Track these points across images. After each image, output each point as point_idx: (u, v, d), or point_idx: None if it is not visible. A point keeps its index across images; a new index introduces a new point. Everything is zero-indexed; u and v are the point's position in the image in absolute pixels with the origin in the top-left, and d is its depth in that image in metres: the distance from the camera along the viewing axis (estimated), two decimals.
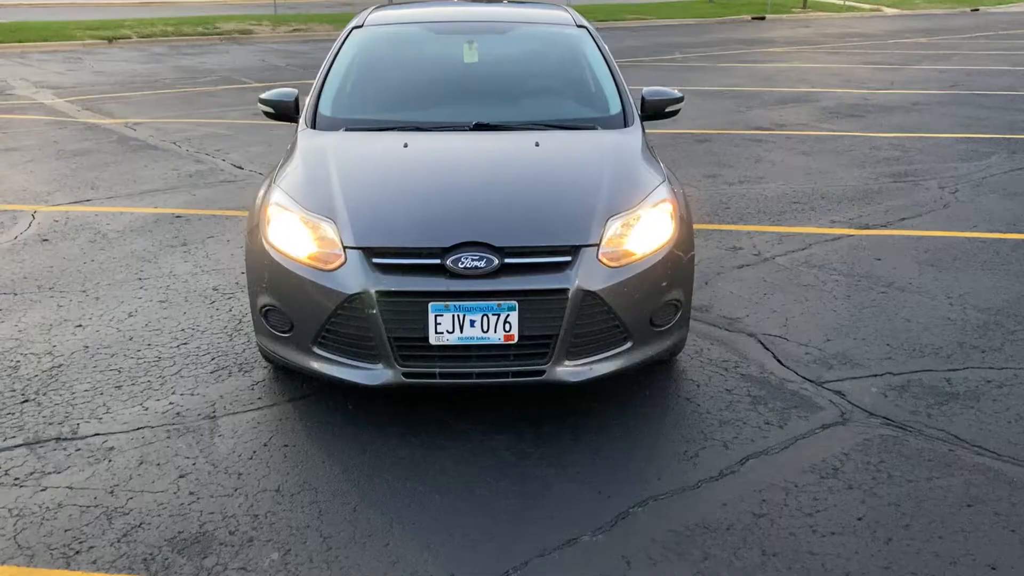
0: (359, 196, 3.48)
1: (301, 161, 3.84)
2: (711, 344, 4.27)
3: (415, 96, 4.45)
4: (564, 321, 3.20)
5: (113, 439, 3.40)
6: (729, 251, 5.69)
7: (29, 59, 17.67)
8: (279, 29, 23.62)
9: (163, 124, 10.38)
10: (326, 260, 3.28)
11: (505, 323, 3.18)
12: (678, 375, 3.95)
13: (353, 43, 4.69)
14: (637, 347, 3.42)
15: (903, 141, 9.38)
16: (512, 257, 3.21)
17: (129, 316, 4.61)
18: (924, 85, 14.00)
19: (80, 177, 7.72)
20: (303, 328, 3.35)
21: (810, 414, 3.61)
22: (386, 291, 3.16)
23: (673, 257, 3.47)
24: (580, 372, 3.32)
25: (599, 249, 3.29)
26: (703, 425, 3.51)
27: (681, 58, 18.06)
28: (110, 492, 3.05)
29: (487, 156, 3.90)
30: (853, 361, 4.10)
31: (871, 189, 7.34)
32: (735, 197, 7.08)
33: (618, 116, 4.28)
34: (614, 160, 3.84)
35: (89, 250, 5.68)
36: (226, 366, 4.03)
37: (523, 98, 4.49)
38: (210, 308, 4.70)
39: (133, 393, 3.77)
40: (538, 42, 4.93)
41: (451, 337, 3.19)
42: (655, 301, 3.42)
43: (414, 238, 3.26)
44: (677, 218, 3.57)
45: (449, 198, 3.50)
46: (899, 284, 5.11)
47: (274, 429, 3.48)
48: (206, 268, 5.34)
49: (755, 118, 10.85)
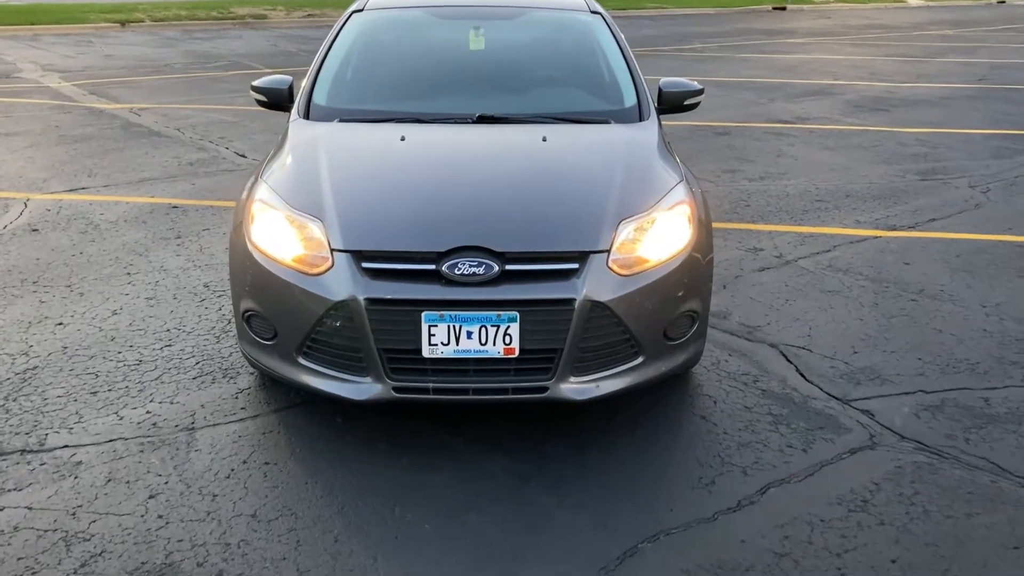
0: (349, 194, 3.20)
1: (290, 154, 3.56)
2: (729, 355, 3.98)
3: (415, 85, 4.15)
4: (570, 334, 2.93)
5: (82, 452, 3.15)
6: (749, 252, 5.39)
7: (40, 42, 17.50)
8: (293, 14, 23.37)
9: (169, 110, 10.14)
10: (312, 263, 3.01)
11: (505, 335, 2.91)
12: (693, 389, 3.67)
13: (352, 28, 4.41)
14: (649, 362, 3.14)
15: (930, 137, 9.02)
16: (514, 263, 2.93)
17: (113, 314, 4.36)
18: (950, 79, 13.59)
19: (78, 164, 7.49)
20: (287, 336, 3.09)
21: (836, 436, 3.33)
22: (376, 299, 2.89)
23: (690, 265, 3.18)
24: (586, 390, 3.04)
25: (609, 255, 3.01)
26: (720, 447, 3.23)
27: (700, 48, 17.66)
28: (72, 514, 2.81)
29: (490, 151, 3.61)
30: (882, 377, 3.81)
31: (898, 187, 7.01)
32: (755, 194, 6.77)
33: (633, 109, 3.98)
34: (627, 157, 3.54)
35: (79, 242, 5.45)
36: (210, 371, 3.78)
37: (531, 89, 4.19)
38: (199, 307, 4.46)
39: (109, 400, 3.52)
40: (549, 29, 4.62)
41: (446, 350, 2.93)
42: (670, 313, 3.14)
43: (407, 241, 2.99)
44: (695, 222, 3.28)
45: (446, 198, 3.21)
46: (930, 291, 4.80)
47: (255, 444, 3.23)
48: (198, 263, 5.09)
49: (776, 111, 10.50)
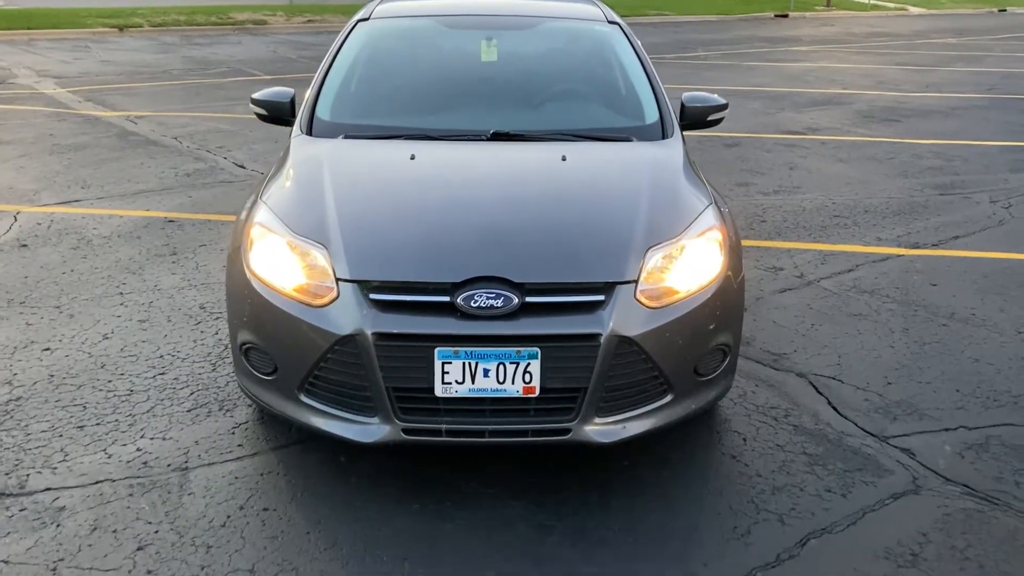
0: (356, 218, 2.98)
1: (292, 173, 3.34)
2: (756, 386, 3.76)
3: (425, 99, 3.93)
4: (595, 372, 2.70)
5: (66, 496, 2.92)
6: (769, 272, 5.17)
7: (36, 47, 17.25)
8: (294, 20, 23.13)
9: (166, 118, 9.91)
10: (315, 293, 2.79)
11: (525, 373, 2.69)
12: (721, 425, 3.44)
13: (357, 38, 4.18)
14: (679, 401, 2.91)
15: (945, 149, 8.81)
16: (534, 295, 2.71)
17: (104, 339, 4.13)
18: (960, 88, 13.39)
19: (72, 174, 7.26)
20: (288, 372, 2.86)
21: (877, 479, 3.10)
22: (384, 333, 2.67)
23: (722, 295, 2.96)
24: (612, 431, 2.82)
25: (637, 286, 2.78)
26: (753, 492, 3.01)
27: (704, 56, 17.46)
28: (52, 569, 2.57)
29: (506, 171, 3.38)
30: (920, 411, 3.58)
31: (917, 202, 6.79)
32: (771, 209, 6.56)
33: (656, 126, 3.76)
34: (653, 178, 3.31)
35: (70, 258, 5.22)
36: (205, 403, 3.55)
37: (548, 103, 3.97)
38: (194, 330, 4.23)
39: (96, 436, 3.29)
40: (565, 40, 4.40)
41: (461, 388, 2.70)
42: (701, 347, 2.92)
43: (419, 270, 2.77)
44: (727, 248, 3.06)
45: (461, 223, 2.98)
46: (961, 315, 4.57)
47: (254, 487, 3.00)
48: (194, 282, 4.86)
49: (786, 121, 10.28)
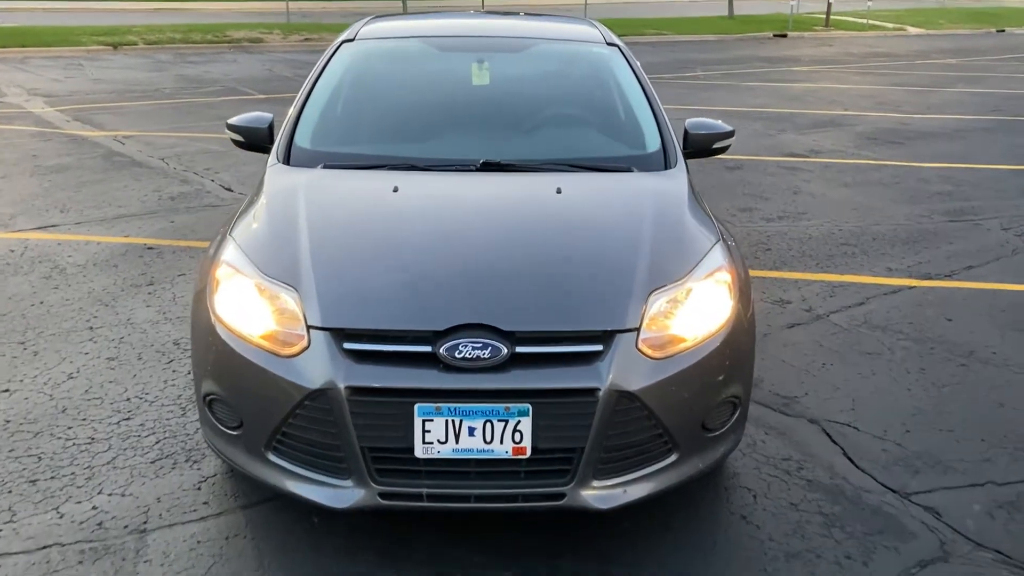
0: (331, 258, 2.72)
1: (265, 206, 3.08)
2: (766, 434, 3.50)
3: (411, 126, 3.68)
4: (592, 431, 2.45)
5: (9, 564, 2.65)
6: (776, 305, 4.92)
7: (28, 64, 17.05)
8: (290, 38, 22.98)
9: (154, 138, 9.68)
10: (284, 342, 2.53)
11: (515, 432, 2.43)
12: (728, 480, 3.18)
13: (341, 60, 3.93)
14: (684, 460, 2.65)
15: (952, 172, 8.59)
16: (525, 345, 2.46)
17: (68, 378, 3.87)
18: (962, 109, 13.19)
19: (51, 197, 7.01)
20: (254, 428, 2.60)
21: (900, 543, 2.84)
22: (359, 387, 2.41)
23: (732, 343, 2.70)
24: (611, 496, 2.55)
25: (639, 335, 2.53)
26: (766, 559, 2.74)
27: (703, 76, 17.29)
28: None
29: (496, 205, 3.13)
30: (943, 463, 3.32)
31: (926, 229, 6.55)
32: (775, 236, 6.31)
33: (658, 155, 3.51)
34: (656, 213, 3.05)
35: (40, 289, 4.96)
36: (171, 453, 3.29)
37: (542, 130, 3.72)
38: (165, 370, 3.96)
39: (50, 491, 3.02)
40: (561, 62, 4.15)
41: (444, 449, 2.44)
42: (709, 401, 2.66)
43: (398, 317, 2.51)
44: (736, 291, 2.81)
45: (446, 263, 2.72)
46: (980, 354, 4.32)
47: (217, 553, 2.73)
48: (170, 315, 4.60)
49: (788, 143, 10.07)
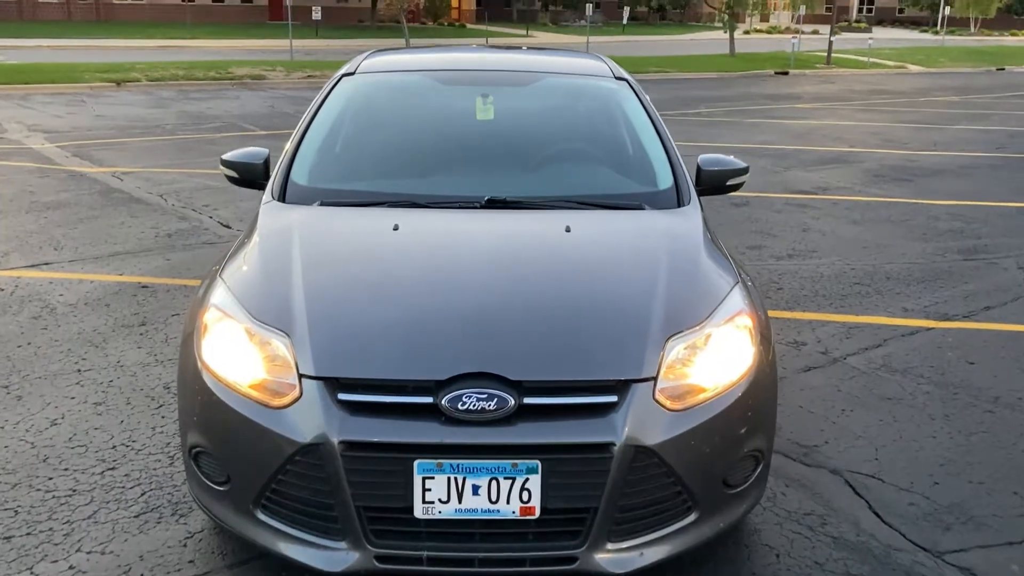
0: (325, 302, 2.56)
1: (258, 246, 2.92)
2: (787, 486, 3.30)
3: (413, 162, 3.53)
4: (607, 489, 2.27)
5: None
6: (791, 347, 4.74)
7: (31, 101, 17.05)
8: (293, 75, 23.05)
9: (153, 174, 9.57)
10: (275, 391, 2.36)
11: (523, 491, 2.25)
12: (749, 537, 2.98)
13: (341, 94, 3.80)
14: (705, 519, 2.46)
15: (963, 210, 8.45)
16: (534, 396, 2.29)
17: (52, 424, 3.69)
18: (969, 146, 13.11)
19: (46, 235, 6.87)
20: (242, 483, 2.42)
21: None
22: (355, 442, 2.24)
23: (755, 392, 2.53)
24: (627, 560, 2.36)
25: (656, 384, 2.36)
26: None
27: (706, 112, 17.27)
28: None
29: (502, 246, 2.97)
30: (976, 519, 3.13)
31: (941, 268, 6.39)
32: (787, 275, 6.15)
33: (670, 192, 3.36)
34: (670, 254, 2.89)
35: (29, 329, 4.79)
36: (157, 506, 3.10)
37: (549, 166, 3.57)
38: (154, 415, 3.78)
39: (24, 549, 2.83)
40: (568, 97, 4.02)
41: (446, 509, 2.26)
42: (731, 455, 2.48)
43: (397, 366, 2.34)
44: (757, 336, 2.64)
45: (448, 308, 2.55)
46: (1006, 399, 4.13)
47: None
48: (161, 357, 4.43)
49: (794, 180, 9.95)
